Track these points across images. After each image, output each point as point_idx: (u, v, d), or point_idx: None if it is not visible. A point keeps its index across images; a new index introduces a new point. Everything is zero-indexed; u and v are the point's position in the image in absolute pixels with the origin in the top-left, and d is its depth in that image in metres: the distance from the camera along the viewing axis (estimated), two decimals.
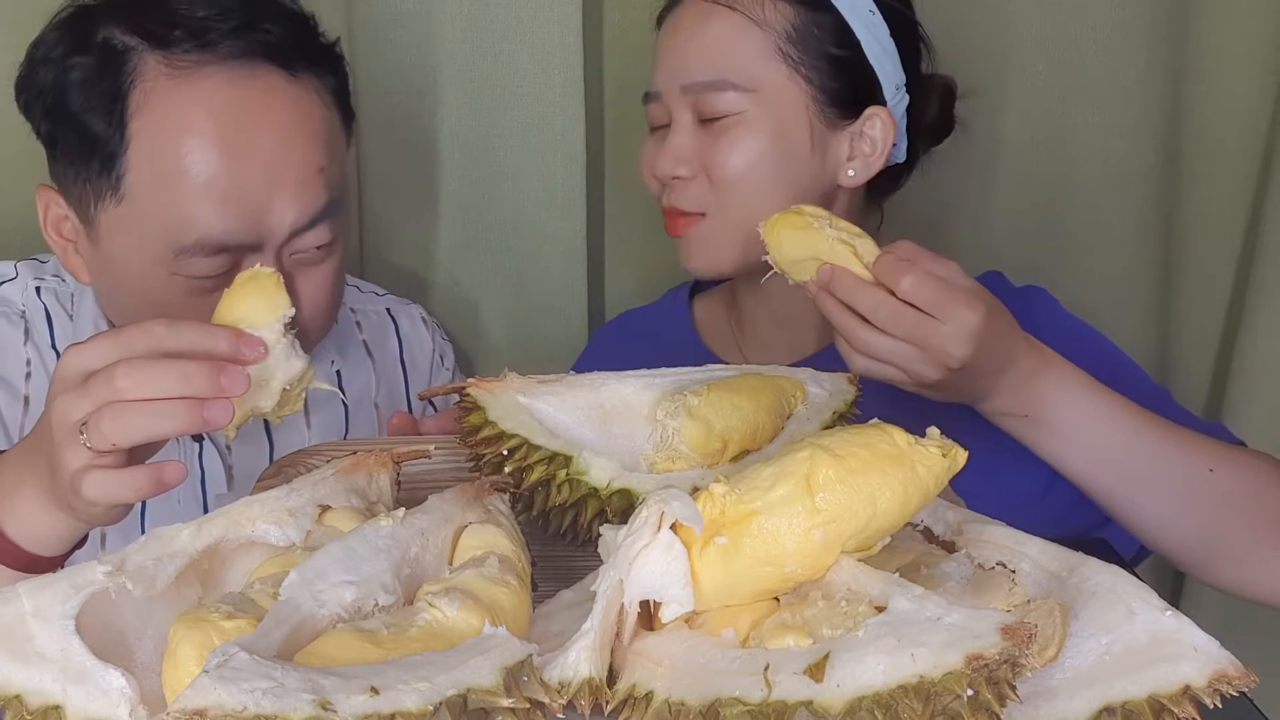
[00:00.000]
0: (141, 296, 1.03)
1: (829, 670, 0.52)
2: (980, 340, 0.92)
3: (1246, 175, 1.47)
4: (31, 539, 0.82)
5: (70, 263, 1.08)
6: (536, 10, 1.38)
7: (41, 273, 1.17)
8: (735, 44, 1.13)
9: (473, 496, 0.69)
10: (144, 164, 0.99)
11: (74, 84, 1.00)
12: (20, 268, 1.17)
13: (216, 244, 0.99)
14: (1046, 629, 0.56)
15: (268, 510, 0.68)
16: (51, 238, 1.08)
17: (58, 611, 0.58)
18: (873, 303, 0.93)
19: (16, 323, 1.13)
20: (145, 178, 0.99)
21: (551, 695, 0.55)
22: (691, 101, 1.14)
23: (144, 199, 0.99)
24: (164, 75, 0.99)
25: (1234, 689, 0.54)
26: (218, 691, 0.47)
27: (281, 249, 1.03)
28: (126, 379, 0.73)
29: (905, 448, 0.60)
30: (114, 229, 1.01)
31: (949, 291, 0.92)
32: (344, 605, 0.58)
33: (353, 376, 1.26)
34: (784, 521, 0.58)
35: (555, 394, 0.82)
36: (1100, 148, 1.46)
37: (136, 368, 0.74)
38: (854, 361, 0.96)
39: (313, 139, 1.03)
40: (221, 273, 1.00)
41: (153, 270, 1.01)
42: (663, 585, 0.59)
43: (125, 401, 0.73)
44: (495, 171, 1.44)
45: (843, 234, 0.96)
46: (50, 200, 1.07)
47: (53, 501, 0.80)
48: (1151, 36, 1.42)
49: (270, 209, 1.00)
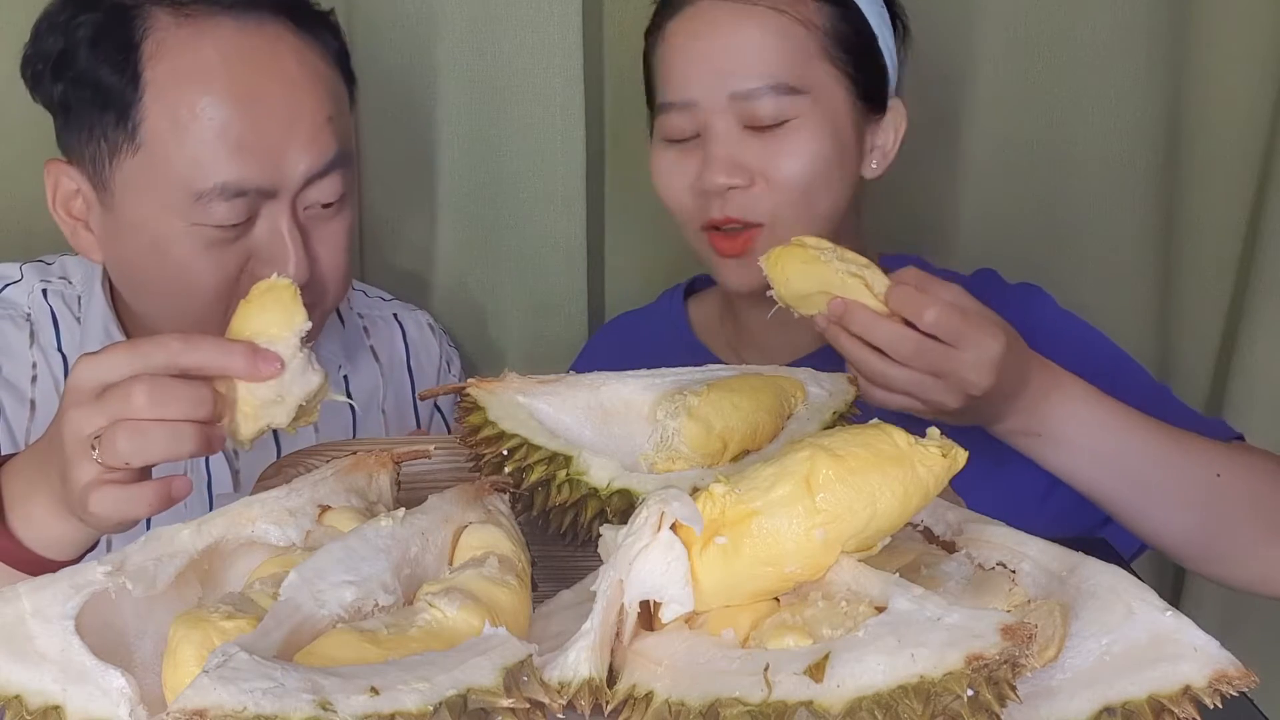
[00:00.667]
0: (156, 256, 1.03)
1: (829, 670, 0.52)
2: (1000, 367, 0.93)
3: (1246, 175, 1.47)
4: (45, 544, 0.83)
5: (80, 242, 1.08)
6: (536, 10, 1.38)
7: (48, 275, 1.17)
8: (783, 46, 1.10)
9: (473, 496, 0.69)
10: (160, 111, 1.00)
11: (83, 41, 1.01)
12: (26, 270, 1.17)
13: (235, 188, 1.00)
14: (1046, 629, 0.56)
15: (268, 510, 0.68)
16: (60, 217, 1.08)
17: (58, 611, 0.58)
18: (892, 337, 0.93)
19: (22, 325, 1.12)
20: (163, 124, 1.00)
21: (551, 695, 0.55)
22: (739, 109, 1.10)
23: (161, 146, 1.00)
24: (175, 25, 1.01)
25: (1234, 689, 0.54)
26: (218, 691, 0.47)
27: (296, 200, 1.04)
28: (144, 397, 0.73)
29: (905, 448, 0.60)
30: (129, 184, 1.02)
31: (969, 321, 0.92)
32: (344, 605, 0.58)
33: (360, 382, 1.26)
34: (784, 521, 0.58)
35: (555, 394, 0.82)
36: (1100, 148, 1.46)
37: (156, 387, 0.73)
38: (873, 395, 0.96)
39: (320, 89, 1.06)
40: (238, 222, 1.01)
41: (169, 222, 1.01)
42: (663, 585, 0.59)
43: (141, 420, 0.73)
44: (495, 171, 1.44)
45: (851, 266, 0.95)
46: (60, 174, 1.07)
47: (64, 509, 0.80)
48: (1151, 36, 1.42)
49: (285, 154, 1.02)
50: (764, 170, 1.11)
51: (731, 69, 1.10)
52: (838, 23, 1.12)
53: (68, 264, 1.19)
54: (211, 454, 0.77)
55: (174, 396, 0.74)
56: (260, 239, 1.04)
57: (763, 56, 1.10)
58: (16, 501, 0.83)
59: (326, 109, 1.06)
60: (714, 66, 1.11)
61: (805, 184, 1.11)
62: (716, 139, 1.11)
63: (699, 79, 1.12)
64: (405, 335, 1.32)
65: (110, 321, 1.14)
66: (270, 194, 1.02)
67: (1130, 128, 1.45)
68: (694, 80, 1.12)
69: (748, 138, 1.11)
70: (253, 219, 1.03)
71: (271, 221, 1.03)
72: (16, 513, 0.83)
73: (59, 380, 1.12)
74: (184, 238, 1.01)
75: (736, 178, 1.10)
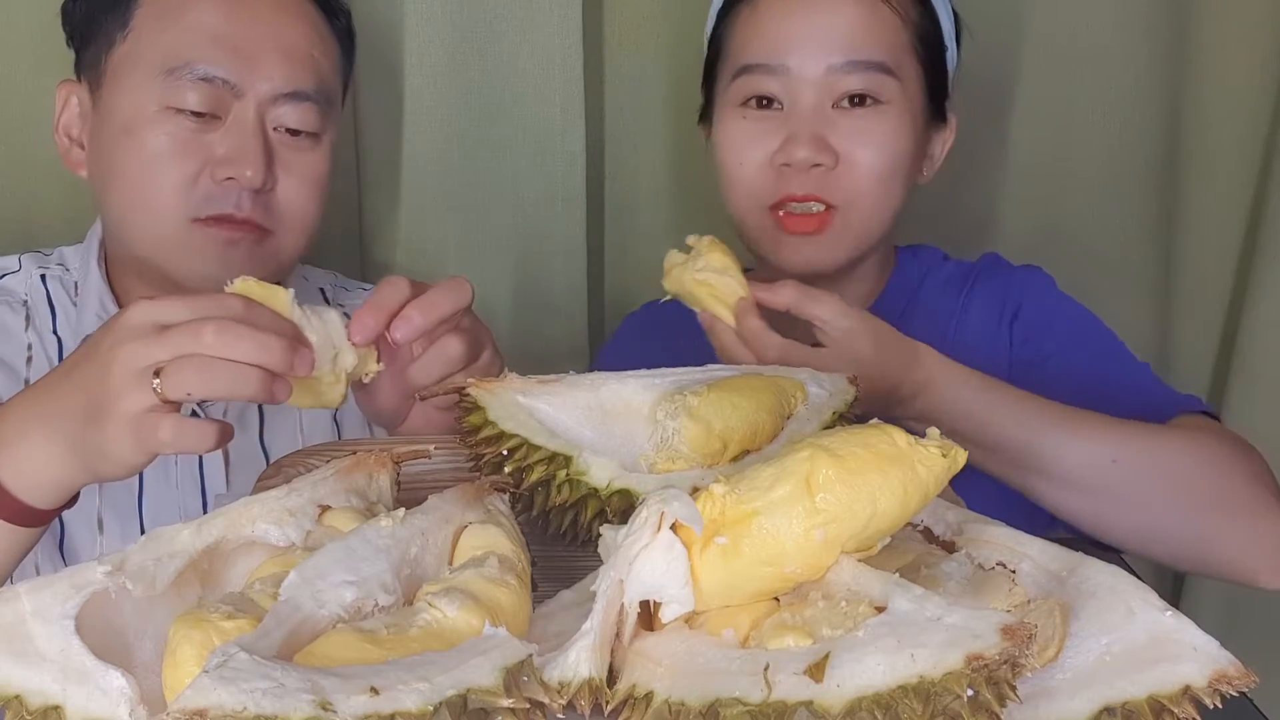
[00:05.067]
0: (126, 141, 1.08)
1: (829, 670, 0.52)
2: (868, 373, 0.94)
3: (1247, 174, 1.48)
4: (30, 487, 0.83)
5: (72, 158, 1.16)
6: (536, 10, 1.38)
7: (46, 264, 1.20)
8: (881, 28, 1.10)
9: (473, 496, 0.69)
10: (152, 4, 1.09)
11: None
12: (24, 260, 1.20)
13: (203, 71, 1.07)
14: (1046, 629, 0.56)
15: (268, 510, 0.67)
16: (59, 140, 1.16)
17: (58, 611, 0.58)
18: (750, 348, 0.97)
19: (18, 310, 1.15)
20: (151, 13, 1.09)
21: (551, 695, 0.55)
22: (832, 83, 1.10)
23: (147, 31, 1.09)
24: None
25: (1234, 689, 0.54)
26: (218, 691, 0.47)
27: (265, 112, 1.10)
28: (215, 336, 0.76)
29: (905, 448, 0.59)
30: (118, 72, 1.09)
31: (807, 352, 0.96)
32: (344, 605, 0.58)
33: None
34: (784, 521, 0.58)
35: (555, 394, 0.82)
36: (1100, 147, 1.46)
37: (225, 328, 0.76)
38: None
39: (308, 26, 1.14)
40: (204, 111, 1.07)
41: (141, 105, 1.07)
42: (663, 585, 0.59)
43: (209, 357, 0.76)
44: (495, 172, 1.44)
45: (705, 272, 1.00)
46: (70, 92, 1.15)
47: (67, 447, 0.81)
48: (1151, 36, 1.42)
49: (258, 61, 1.09)
50: (849, 152, 1.10)
51: (830, 42, 1.10)
52: (923, 20, 1.13)
53: (65, 253, 1.21)
54: (273, 403, 0.80)
55: (241, 339, 0.76)
56: (223, 141, 1.08)
57: (862, 35, 1.10)
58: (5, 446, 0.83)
59: (309, 45, 1.13)
60: (812, 36, 1.10)
61: (885, 173, 1.11)
62: (806, 113, 1.10)
63: (797, 46, 1.11)
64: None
65: (106, 295, 1.15)
66: (238, 93, 1.08)
67: (1130, 128, 1.45)
68: (791, 46, 1.11)
69: (835, 116, 1.10)
70: (220, 119, 1.08)
71: (238, 123, 1.09)
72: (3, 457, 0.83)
73: (54, 361, 1.14)
74: (152, 122, 1.07)
75: (824, 156, 1.10)
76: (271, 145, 1.11)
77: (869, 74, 1.09)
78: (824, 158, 1.10)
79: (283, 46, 1.11)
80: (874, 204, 1.12)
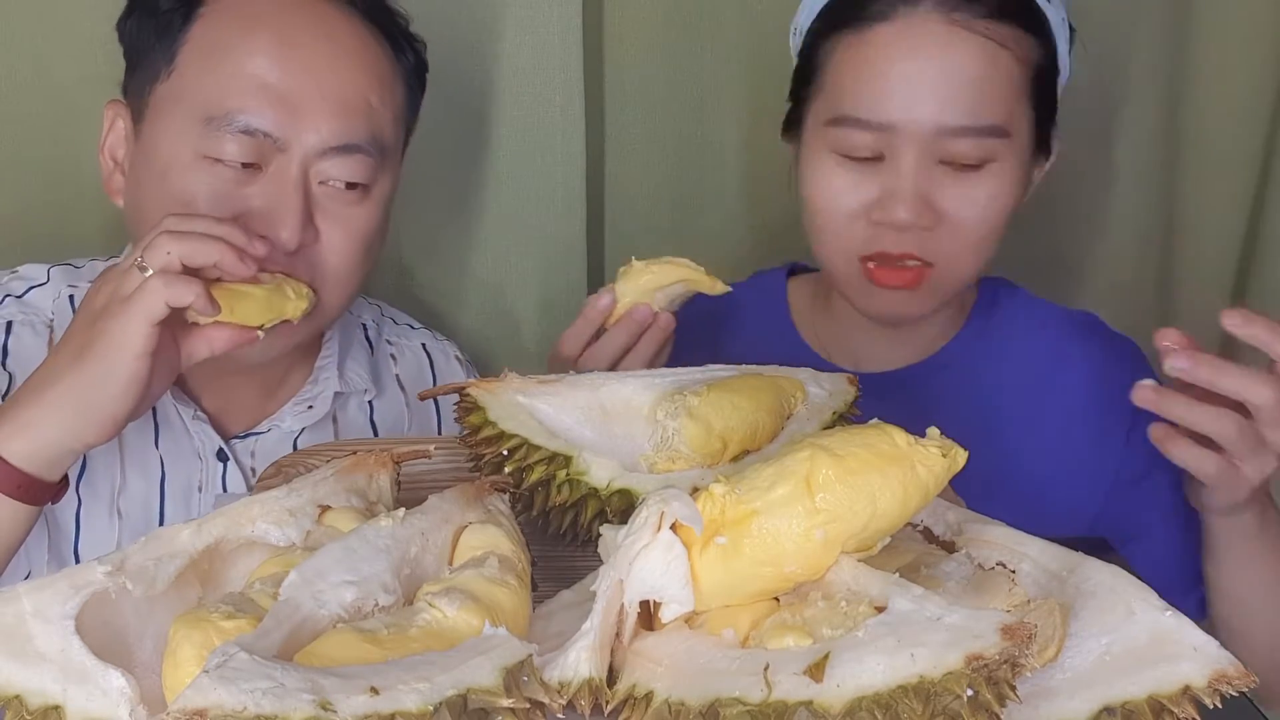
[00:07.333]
0: (160, 185, 1.03)
1: (829, 670, 0.52)
2: None
3: (1247, 175, 1.48)
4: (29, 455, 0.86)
5: (113, 184, 1.10)
6: (536, 10, 1.38)
7: (75, 279, 1.15)
8: (997, 79, 1.01)
9: (473, 496, 0.69)
10: (200, 38, 1.03)
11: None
12: (53, 273, 1.15)
13: (245, 123, 1.00)
14: (1046, 629, 0.56)
15: (268, 510, 0.68)
16: (104, 161, 1.11)
17: (58, 612, 0.58)
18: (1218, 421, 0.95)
19: (41, 332, 1.10)
20: (197, 51, 1.03)
21: (551, 695, 0.55)
22: (940, 144, 1.01)
23: (191, 70, 1.03)
24: None
25: (1234, 689, 0.54)
26: (218, 691, 0.47)
27: (310, 167, 1.03)
28: (175, 223, 0.89)
29: (905, 448, 0.60)
30: (159, 109, 1.04)
31: None
32: (344, 605, 0.58)
33: (386, 409, 1.24)
34: (784, 521, 0.58)
35: (555, 394, 0.82)
36: (1101, 147, 1.46)
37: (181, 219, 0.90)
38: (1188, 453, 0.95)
39: (365, 72, 1.06)
40: (243, 163, 1.00)
41: (179, 150, 1.02)
42: (663, 585, 0.59)
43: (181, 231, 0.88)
44: (496, 172, 1.44)
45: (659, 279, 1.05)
46: (116, 114, 1.10)
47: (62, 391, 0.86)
48: (1151, 36, 1.42)
49: (306, 113, 1.01)
50: (954, 213, 1.03)
51: (942, 99, 1.00)
52: (1041, 59, 1.04)
53: (98, 268, 1.16)
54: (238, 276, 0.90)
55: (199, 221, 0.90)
56: (262, 195, 1.02)
57: (979, 93, 1.00)
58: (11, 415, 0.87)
59: (368, 92, 1.05)
60: (922, 92, 1.00)
61: (988, 232, 1.05)
62: (909, 171, 1.01)
63: (902, 102, 1.01)
64: (433, 366, 1.30)
65: None
66: (281, 146, 1.01)
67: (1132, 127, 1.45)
68: (896, 102, 1.01)
69: (939, 175, 1.02)
70: (260, 170, 1.01)
71: (278, 178, 1.02)
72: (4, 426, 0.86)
73: None
74: (189, 169, 1.01)
75: (925, 218, 1.02)
76: (313, 200, 1.04)
77: (982, 140, 1.01)
78: (926, 220, 1.02)
79: (335, 97, 1.02)
80: (973, 261, 1.06)
